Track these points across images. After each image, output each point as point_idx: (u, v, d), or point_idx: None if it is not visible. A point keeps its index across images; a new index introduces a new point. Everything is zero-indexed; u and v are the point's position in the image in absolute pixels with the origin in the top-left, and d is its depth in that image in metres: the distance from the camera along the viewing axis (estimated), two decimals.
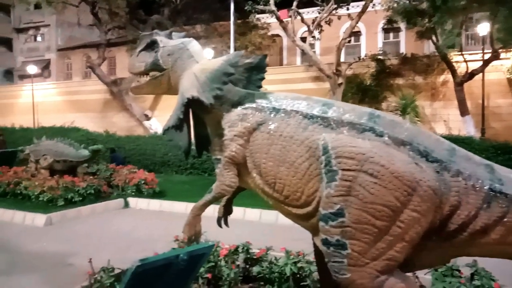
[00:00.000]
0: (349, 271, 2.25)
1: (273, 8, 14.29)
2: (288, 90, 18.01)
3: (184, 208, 8.52)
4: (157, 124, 20.10)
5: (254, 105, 2.84)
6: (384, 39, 23.22)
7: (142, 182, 9.71)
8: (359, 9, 15.60)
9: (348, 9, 15.14)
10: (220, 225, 3.35)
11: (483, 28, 14.95)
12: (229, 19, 18.83)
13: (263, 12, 15.98)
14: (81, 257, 5.53)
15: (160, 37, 3.24)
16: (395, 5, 14.06)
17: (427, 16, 13.18)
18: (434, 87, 16.59)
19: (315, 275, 4.33)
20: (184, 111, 2.87)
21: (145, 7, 18.96)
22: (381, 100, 16.86)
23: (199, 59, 3.13)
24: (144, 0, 17.73)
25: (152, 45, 3.23)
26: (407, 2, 13.36)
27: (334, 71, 14.72)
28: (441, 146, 2.35)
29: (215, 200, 2.93)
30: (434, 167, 2.26)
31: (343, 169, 2.28)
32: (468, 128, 14.47)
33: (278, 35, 24.07)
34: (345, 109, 2.57)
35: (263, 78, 3.12)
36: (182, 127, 2.98)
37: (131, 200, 9.22)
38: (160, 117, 21.10)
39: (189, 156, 3.16)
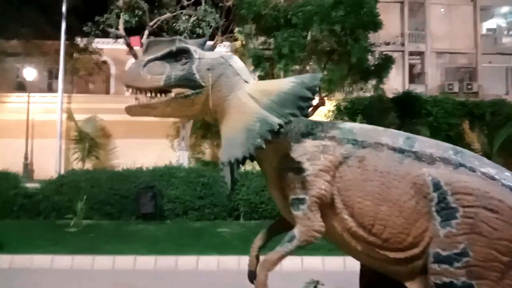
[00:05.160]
0: None
1: (123, 33, 13.33)
2: (131, 121, 16.91)
3: (49, 262, 6.79)
4: None
5: (328, 135, 2.52)
6: None
7: None
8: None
9: None
10: (252, 281, 2.76)
11: None
12: (54, 38, 16.82)
13: (106, 35, 14.74)
14: None
15: (193, 47, 2.60)
16: (243, 48, 15.04)
17: (271, 63, 14.51)
18: None
19: None
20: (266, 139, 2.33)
21: None
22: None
23: (246, 77, 2.63)
24: None
25: (177, 55, 2.56)
26: (257, 47, 14.42)
27: None
28: None
29: (297, 250, 2.43)
30: None
31: (464, 206, 2.23)
32: None
33: (105, 62, 22.56)
34: (429, 143, 2.52)
35: (310, 106, 2.76)
36: None
37: None
38: None
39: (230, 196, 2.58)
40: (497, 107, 18.14)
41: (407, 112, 17.46)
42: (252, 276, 2.77)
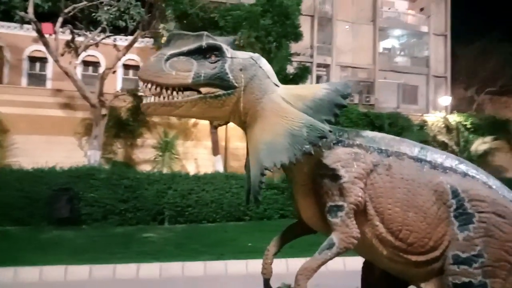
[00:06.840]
0: None
1: (34, 18, 11.97)
2: (33, 115, 15.24)
3: None
4: None
5: (356, 142, 2.61)
6: (124, 75, 23.38)
7: None
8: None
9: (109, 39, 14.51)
10: None
11: None
12: None
13: (8, 18, 13.13)
14: None
15: (224, 45, 2.49)
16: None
17: None
18: (187, 127, 17.82)
19: None
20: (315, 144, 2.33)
21: None
22: (137, 136, 16.69)
23: (275, 81, 2.60)
24: None
25: (207, 52, 2.42)
26: None
27: (98, 101, 13.64)
28: (503, 186, 2.83)
29: (335, 256, 2.44)
30: None
31: (479, 212, 2.48)
32: (218, 166, 16.25)
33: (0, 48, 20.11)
34: (438, 153, 2.74)
35: (337, 115, 2.54)
36: None
37: None
38: None
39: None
40: (393, 119, 20.18)
41: None
42: (267, 285, 2.74)
